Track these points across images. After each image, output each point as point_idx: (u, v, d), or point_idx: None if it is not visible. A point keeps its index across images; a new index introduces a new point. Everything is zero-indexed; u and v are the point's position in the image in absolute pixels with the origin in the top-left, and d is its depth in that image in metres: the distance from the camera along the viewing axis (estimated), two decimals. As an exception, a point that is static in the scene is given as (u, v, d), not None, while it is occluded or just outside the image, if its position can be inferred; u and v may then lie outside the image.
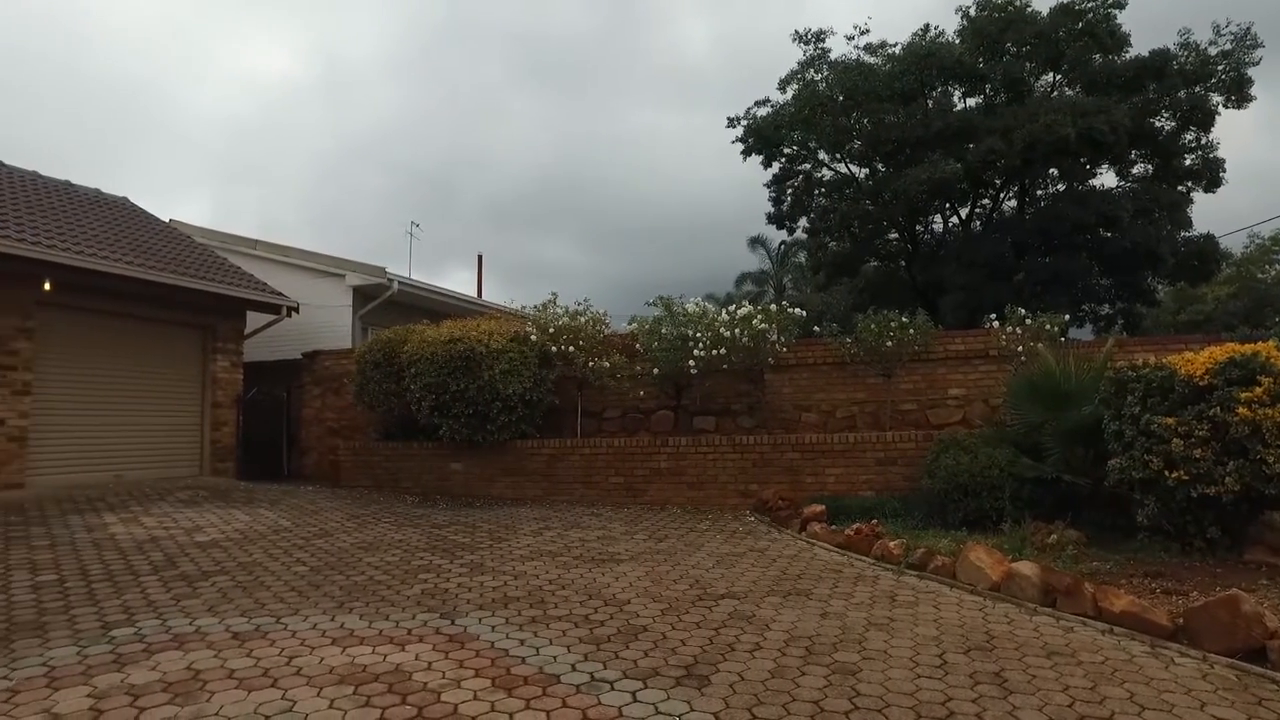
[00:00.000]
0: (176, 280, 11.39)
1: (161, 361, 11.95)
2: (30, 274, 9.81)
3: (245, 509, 9.27)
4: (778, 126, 21.45)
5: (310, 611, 5.20)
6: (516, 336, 10.91)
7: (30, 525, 7.78)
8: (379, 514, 9.35)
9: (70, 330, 10.70)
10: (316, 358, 13.78)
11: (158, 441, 11.80)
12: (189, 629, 4.81)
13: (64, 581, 5.86)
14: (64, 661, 4.24)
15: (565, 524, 8.78)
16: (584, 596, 5.66)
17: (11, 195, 11.53)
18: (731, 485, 10.18)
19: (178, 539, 7.42)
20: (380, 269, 14.99)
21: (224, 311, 12.58)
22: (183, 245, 13.47)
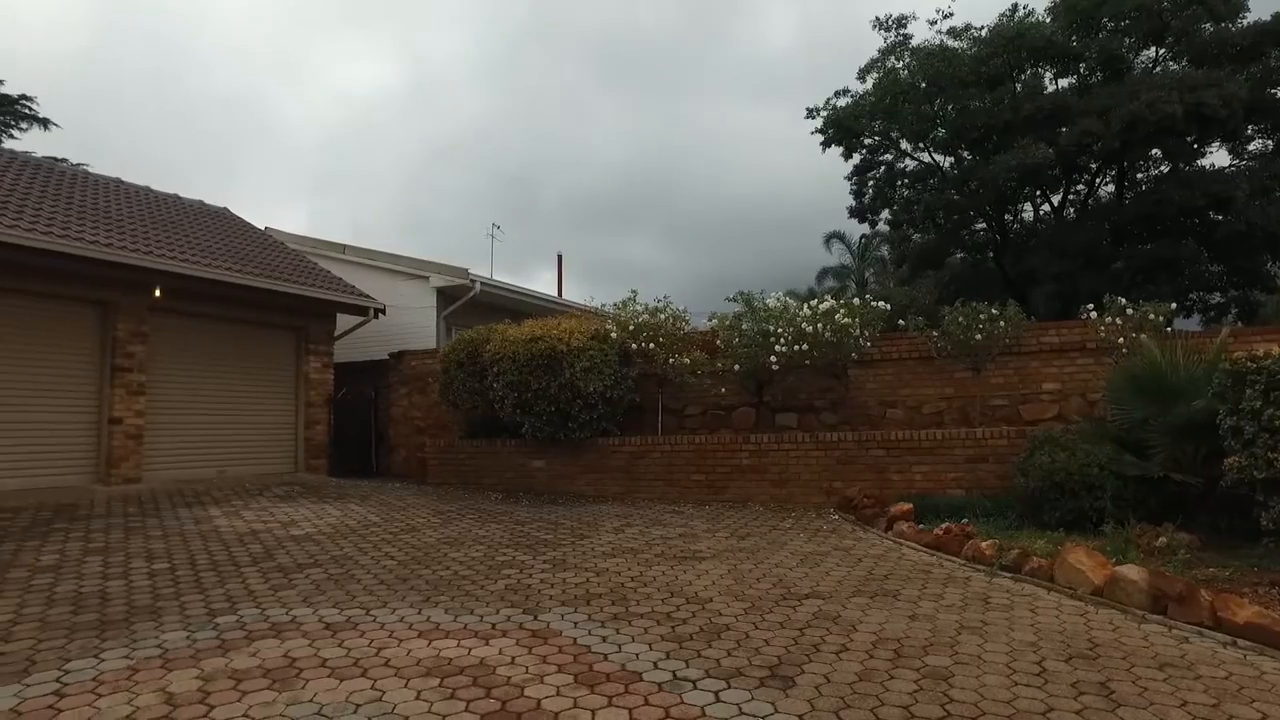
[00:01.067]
0: (272, 285, 11.89)
1: (258, 363, 12.51)
2: (145, 282, 10.40)
3: (337, 504, 9.61)
4: (858, 116, 20.95)
5: (398, 605, 5.33)
6: (597, 334, 10.97)
7: (146, 517, 8.24)
8: (463, 510, 9.54)
9: (177, 334, 11.30)
10: (403, 358, 14.18)
11: (256, 439, 12.35)
12: (285, 618, 4.99)
13: (175, 570, 6.18)
14: (175, 645, 4.46)
15: (646, 521, 8.78)
16: (666, 594, 5.63)
17: (130, 209, 12.25)
18: (815, 483, 9.99)
19: (275, 532, 7.74)
20: (463, 270, 15.31)
21: (315, 314, 13.07)
22: (277, 251, 14.06)
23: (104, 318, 10.47)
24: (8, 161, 12.38)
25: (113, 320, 10.42)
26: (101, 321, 10.46)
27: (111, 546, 6.92)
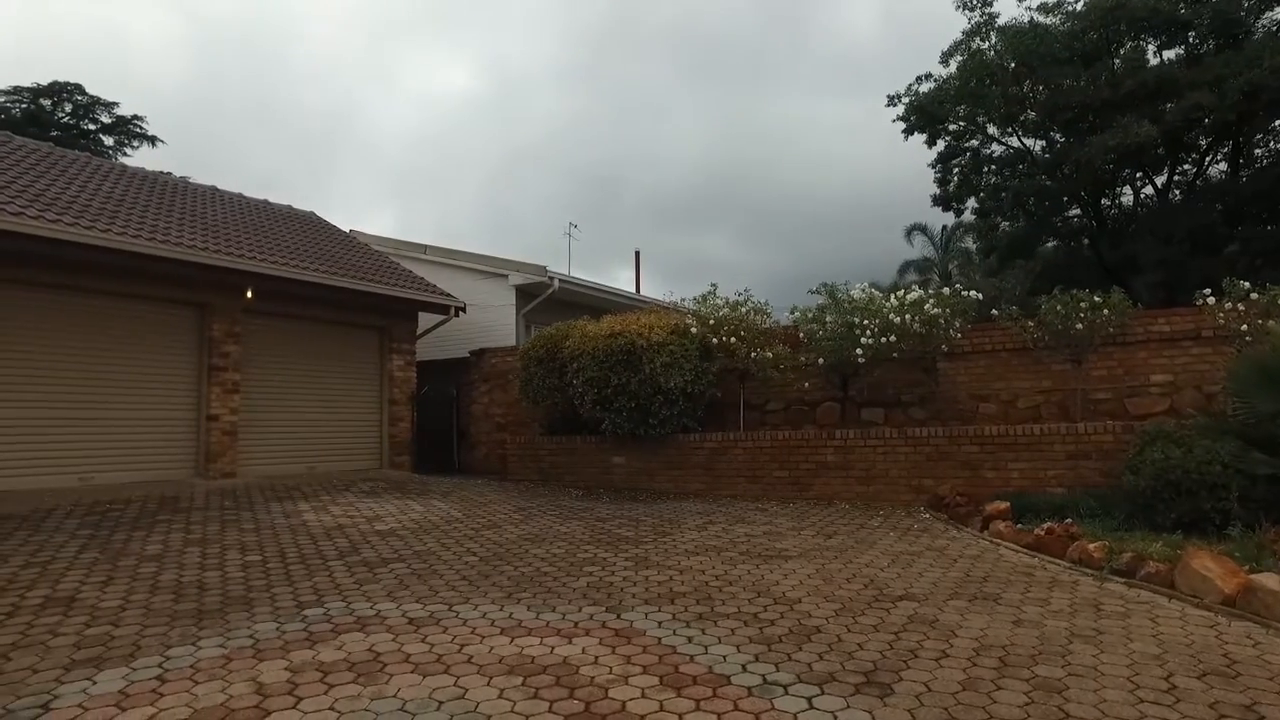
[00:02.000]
0: (356, 285, 12.17)
1: (344, 362, 12.83)
2: (238, 284, 10.77)
3: (420, 500, 9.73)
4: (941, 101, 20.17)
5: (480, 601, 5.30)
6: (677, 329, 10.83)
7: (240, 510, 8.51)
8: (544, 507, 9.54)
9: (267, 334, 11.67)
10: (483, 355, 14.35)
11: (343, 436, 12.67)
12: (370, 612, 5.02)
13: (266, 563, 6.32)
14: (266, 636, 4.53)
15: (729, 519, 8.60)
16: (752, 594, 5.45)
17: (224, 215, 12.75)
18: (903, 480, 9.62)
19: (360, 527, 7.87)
20: (541, 268, 15.40)
21: (398, 313, 13.32)
22: (361, 253, 14.40)
23: (201, 319, 10.89)
24: (119, 174, 13.03)
25: (209, 321, 10.83)
26: (199, 322, 10.89)
27: (209, 538, 7.14)
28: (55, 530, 7.28)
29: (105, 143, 27.46)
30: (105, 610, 5.06)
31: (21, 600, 5.27)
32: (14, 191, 9.34)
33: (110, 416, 9.87)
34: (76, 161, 12.66)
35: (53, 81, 26.89)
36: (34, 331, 9.31)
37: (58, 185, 10.45)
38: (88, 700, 3.69)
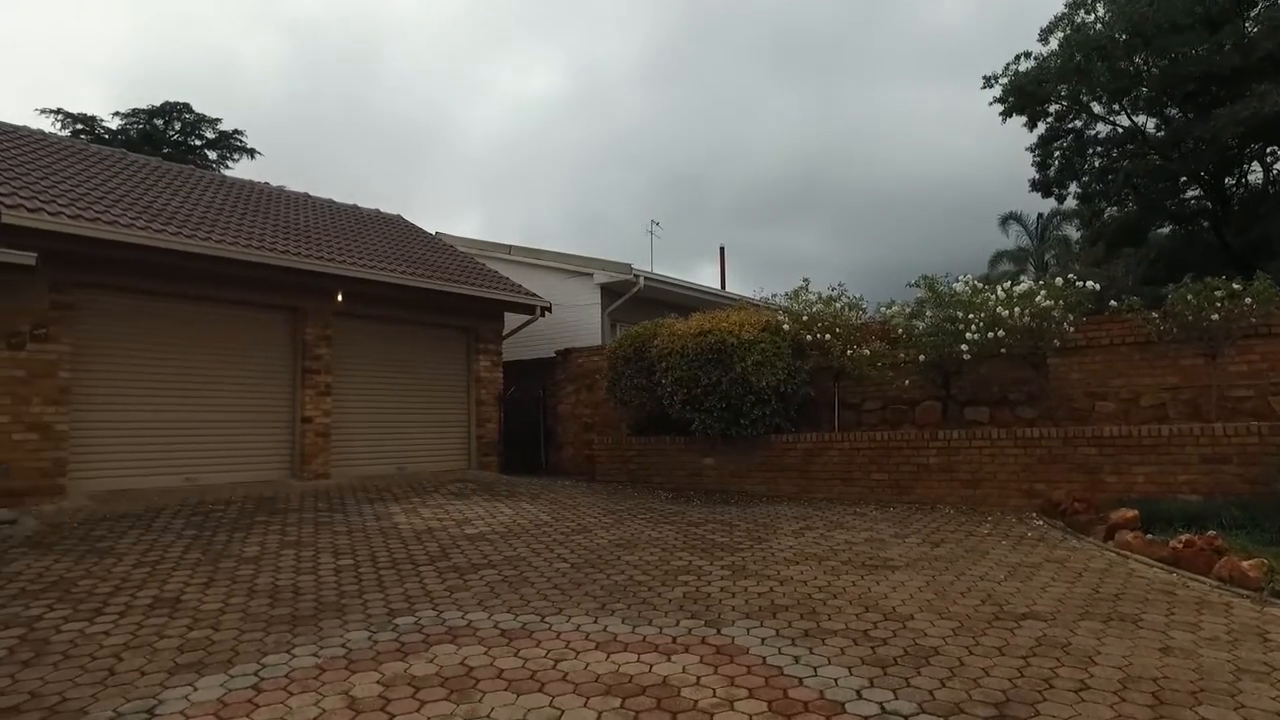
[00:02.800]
0: (443, 286, 12.26)
1: (432, 363, 12.94)
2: (329, 288, 10.97)
3: (508, 503, 9.67)
4: (1042, 80, 19.09)
5: (573, 611, 5.11)
6: (768, 326, 10.47)
7: (334, 512, 8.60)
8: (634, 510, 9.34)
9: (357, 336, 11.86)
10: (569, 355, 14.27)
11: (431, 437, 12.78)
12: (461, 622, 4.89)
13: (358, 567, 6.31)
14: (358, 645, 4.45)
15: (828, 524, 8.21)
16: (859, 608, 5.10)
17: (316, 220, 13.05)
18: (1013, 484, 9.02)
19: (450, 531, 7.82)
20: (626, 265, 15.23)
21: (484, 314, 13.37)
22: (448, 254, 14.54)
23: (294, 322, 11.14)
24: (219, 184, 13.50)
25: (302, 324, 11.07)
26: (293, 326, 11.14)
27: (303, 541, 7.21)
28: (163, 530, 7.48)
29: (209, 156, 28.77)
30: (206, 613, 5.10)
31: (133, 600, 5.37)
32: (125, 205, 9.71)
33: (213, 419, 10.18)
34: (181, 174, 13.17)
35: (164, 102, 28.38)
36: (143, 338, 9.67)
37: (163, 197, 10.85)
38: (189, 708, 3.67)
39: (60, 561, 6.38)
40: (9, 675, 4.13)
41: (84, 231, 8.51)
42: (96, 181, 10.32)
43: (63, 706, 3.74)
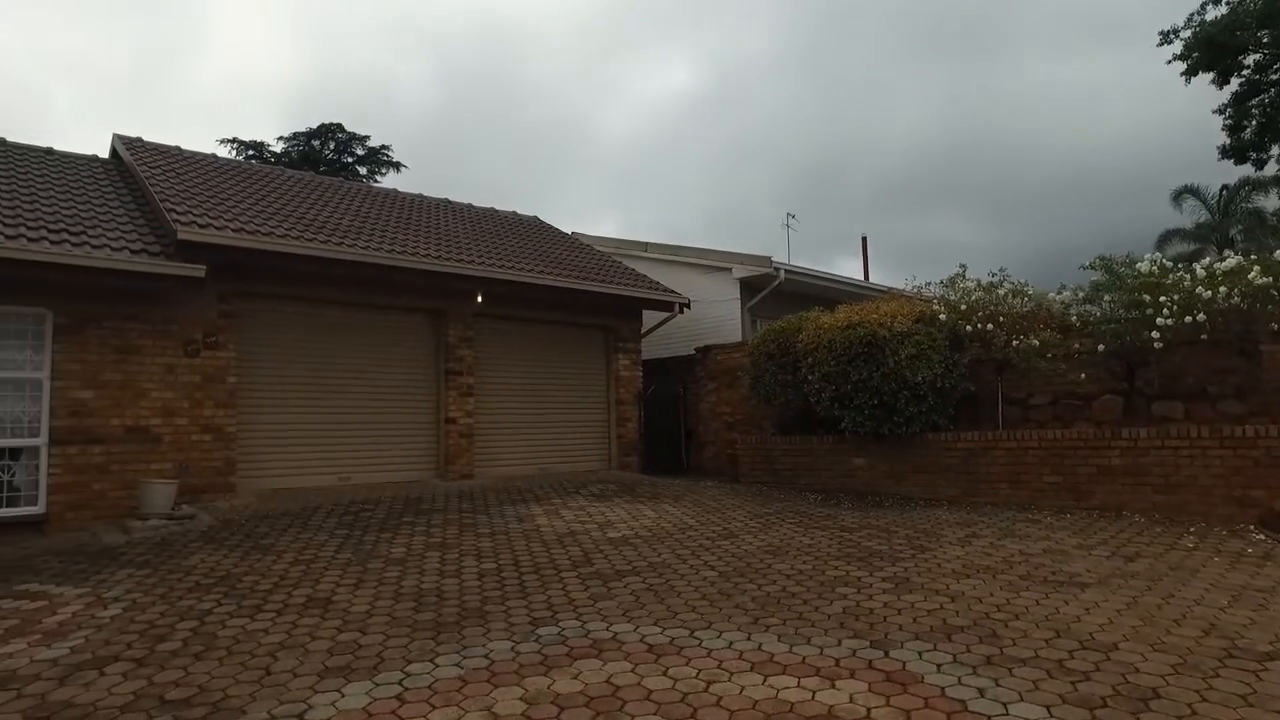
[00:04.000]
0: (580, 285, 12.20)
1: (571, 363, 12.93)
2: (470, 290, 11.13)
3: (651, 504, 9.43)
4: (1236, 28, 16.86)
5: (724, 626, 4.76)
6: (922, 317, 9.72)
7: (477, 514, 8.64)
8: (782, 513, 8.88)
9: (498, 338, 11.99)
10: (709, 352, 13.92)
11: (571, 437, 12.77)
12: (606, 635, 4.64)
13: (500, 571, 6.21)
14: (501, 656, 4.29)
15: (996, 531, 7.45)
16: (1048, 632, 4.47)
17: (456, 225, 13.34)
18: (1219, 490, 7.89)
19: (592, 534, 7.64)
20: (766, 259, 14.73)
21: (622, 312, 13.24)
22: (585, 253, 14.52)
23: (437, 324, 11.37)
24: (365, 194, 14.07)
25: (444, 327, 11.29)
26: (435, 328, 11.38)
27: (447, 543, 7.22)
28: (318, 529, 7.72)
29: (360, 172, 30.44)
30: (355, 615, 5.11)
31: (289, 598, 5.48)
32: (281, 218, 10.20)
33: (364, 420, 10.53)
34: (331, 186, 13.81)
35: (320, 124, 30.35)
36: (298, 343, 10.12)
37: (315, 209, 11.34)
38: (336, 716, 3.61)
39: (228, 557, 6.66)
40: (182, 668, 4.26)
41: (245, 244, 8.96)
42: (257, 197, 10.91)
43: (224, 704, 3.79)
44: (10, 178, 9.62)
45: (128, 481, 8.36)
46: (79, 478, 8.16)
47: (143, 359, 8.64)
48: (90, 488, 8.20)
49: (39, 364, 8.14)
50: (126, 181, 10.86)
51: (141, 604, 5.42)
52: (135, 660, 4.39)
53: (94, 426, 8.29)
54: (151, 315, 8.74)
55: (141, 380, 8.61)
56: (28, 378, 8.08)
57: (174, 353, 8.85)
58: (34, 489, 8.03)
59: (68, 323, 8.25)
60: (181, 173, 10.87)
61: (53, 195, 9.40)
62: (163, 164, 11.03)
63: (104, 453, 8.31)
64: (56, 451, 8.08)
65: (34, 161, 10.70)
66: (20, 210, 8.53)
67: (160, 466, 8.60)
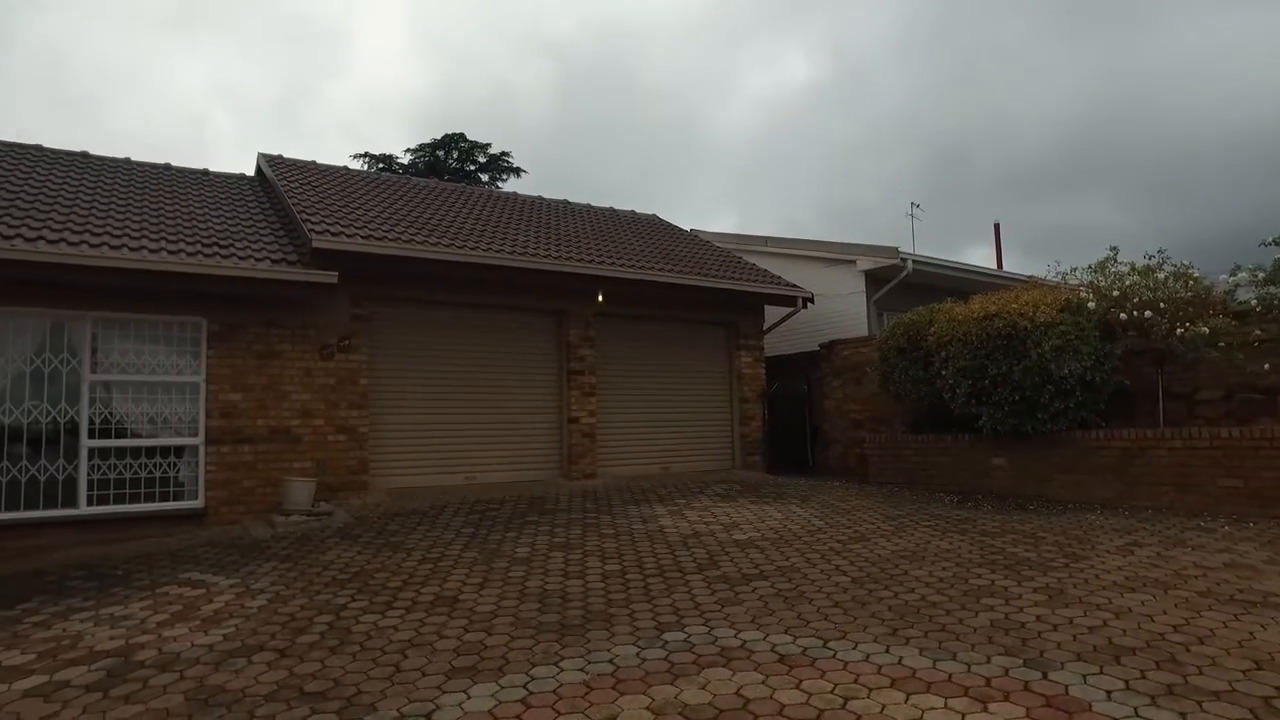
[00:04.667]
0: (700, 281, 12.02)
1: (692, 361, 12.77)
2: (590, 289, 11.16)
3: (776, 505, 9.14)
4: None
5: (860, 636, 4.47)
6: (1068, 305, 8.98)
7: (600, 514, 8.62)
8: (915, 515, 8.40)
9: (618, 337, 11.98)
10: (834, 348, 13.44)
11: (694, 436, 12.61)
12: (734, 642, 4.45)
13: (625, 573, 6.12)
14: (626, 663, 4.18)
15: (1163, 540, 6.75)
16: (1244, 661, 3.93)
17: (575, 225, 13.45)
18: None
19: (717, 535, 7.45)
20: (893, 249, 14.09)
21: (744, 308, 12.97)
22: (704, 250, 14.33)
23: (558, 325, 11.47)
24: (487, 198, 14.41)
25: (565, 327, 11.37)
26: (557, 328, 11.48)
27: (571, 543, 7.21)
28: (445, 527, 7.88)
29: (482, 179, 31.33)
30: (480, 615, 5.13)
31: (418, 596, 5.59)
32: (407, 223, 10.53)
33: (489, 420, 10.74)
34: (454, 192, 14.21)
35: (444, 135, 31.46)
36: (425, 345, 10.43)
37: (440, 214, 11.67)
38: (463, 717, 3.60)
39: (362, 553, 6.88)
40: (319, 661, 4.38)
41: (374, 249, 9.30)
42: (385, 205, 11.32)
43: (357, 699, 3.86)
44: (174, 198, 10.37)
45: (272, 479, 8.83)
46: (231, 474, 8.69)
47: (283, 363, 9.11)
48: (240, 484, 8.72)
49: (196, 369, 8.71)
50: (269, 196, 11.52)
51: (284, 596, 5.65)
52: (278, 651, 4.56)
53: (242, 427, 8.80)
54: (291, 321, 9.20)
55: (283, 383, 9.08)
56: (187, 381, 8.66)
57: (311, 356, 9.28)
58: (194, 484, 8.60)
59: (219, 330, 8.79)
60: (317, 185, 11.42)
61: (207, 212, 10.06)
62: (300, 178, 11.64)
63: (251, 451, 8.81)
64: (212, 450, 8.63)
65: (193, 183, 11.52)
66: (180, 227, 9.16)
67: (301, 465, 9.04)
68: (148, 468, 8.40)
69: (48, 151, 11.22)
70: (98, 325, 8.30)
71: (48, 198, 9.09)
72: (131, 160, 11.84)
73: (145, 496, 8.35)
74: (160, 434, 8.50)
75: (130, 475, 8.31)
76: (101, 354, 8.31)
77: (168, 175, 11.60)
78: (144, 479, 8.37)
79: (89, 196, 9.54)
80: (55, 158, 11.03)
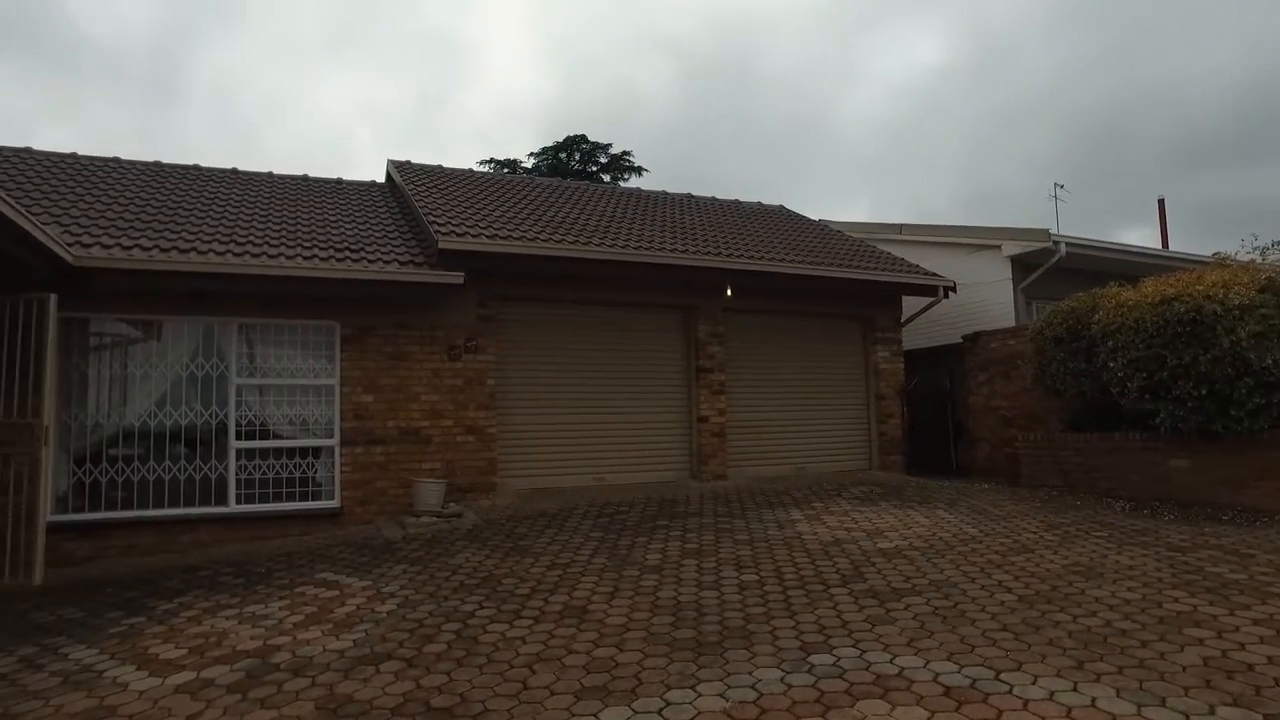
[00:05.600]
0: (833, 272, 11.39)
1: (825, 356, 12.14)
2: (718, 283, 10.76)
3: (922, 510, 8.46)
4: None
5: (1038, 669, 3.89)
6: (1270, 285, 7.86)
7: (733, 518, 8.21)
8: (1082, 524, 7.55)
9: (746, 332, 11.50)
10: (979, 339, 12.47)
11: (828, 435, 11.98)
12: (890, 669, 3.97)
13: (763, 584, 5.71)
14: (770, 689, 3.80)
15: (1405, 560, 5.71)
16: None
17: (699, 219, 13.05)
18: None
19: (860, 544, 6.90)
20: (1042, 231, 12.92)
21: (880, 300, 12.23)
22: (834, 240, 13.65)
23: (686, 321, 11.13)
24: (609, 194, 14.24)
25: (693, 323, 11.01)
26: (685, 325, 11.14)
27: (704, 549, 6.84)
28: (574, 531, 7.69)
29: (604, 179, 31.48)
30: (611, 629, 4.85)
31: (546, 605, 5.38)
32: (531, 221, 10.47)
33: (617, 420, 10.53)
34: (576, 190, 14.13)
35: (565, 137, 31.88)
36: (551, 344, 10.32)
37: (563, 212, 11.57)
38: (592, 745, 3.30)
39: (490, 557, 6.77)
40: (446, 673, 4.22)
41: (499, 249, 9.25)
42: (509, 205, 11.33)
43: (484, 717, 3.67)
44: (309, 208, 10.74)
45: (403, 479, 8.92)
46: (364, 475, 8.84)
47: (412, 364, 9.20)
48: (373, 485, 8.86)
49: (331, 371, 8.92)
50: (399, 201, 11.77)
51: (413, 601, 5.58)
52: (405, 660, 4.44)
53: (374, 428, 8.94)
54: (419, 323, 9.28)
55: (412, 384, 9.17)
56: (323, 384, 8.88)
57: (439, 357, 9.34)
58: (331, 485, 8.81)
59: (351, 333, 8.97)
60: (443, 188, 11.57)
61: (340, 220, 10.34)
62: (427, 182, 11.83)
63: (383, 452, 8.94)
64: (346, 451, 8.81)
65: (328, 192, 11.93)
66: (315, 235, 9.44)
67: (430, 466, 9.10)
68: (288, 468, 8.66)
69: (203, 170, 11.88)
70: (243, 331, 8.63)
71: (200, 212, 9.56)
72: (273, 174, 12.38)
73: (287, 496, 8.61)
74: (299, 435, 8.75)
75: (273, 475, 8.60)
76: (246, 359, 8.64)
77: (304, 186, 12.05)
78: (285, 479, 8.64)
79: (235, 210, 9.98)
80: (209, 175, 11.65)
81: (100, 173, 10.55)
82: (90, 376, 8.20)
